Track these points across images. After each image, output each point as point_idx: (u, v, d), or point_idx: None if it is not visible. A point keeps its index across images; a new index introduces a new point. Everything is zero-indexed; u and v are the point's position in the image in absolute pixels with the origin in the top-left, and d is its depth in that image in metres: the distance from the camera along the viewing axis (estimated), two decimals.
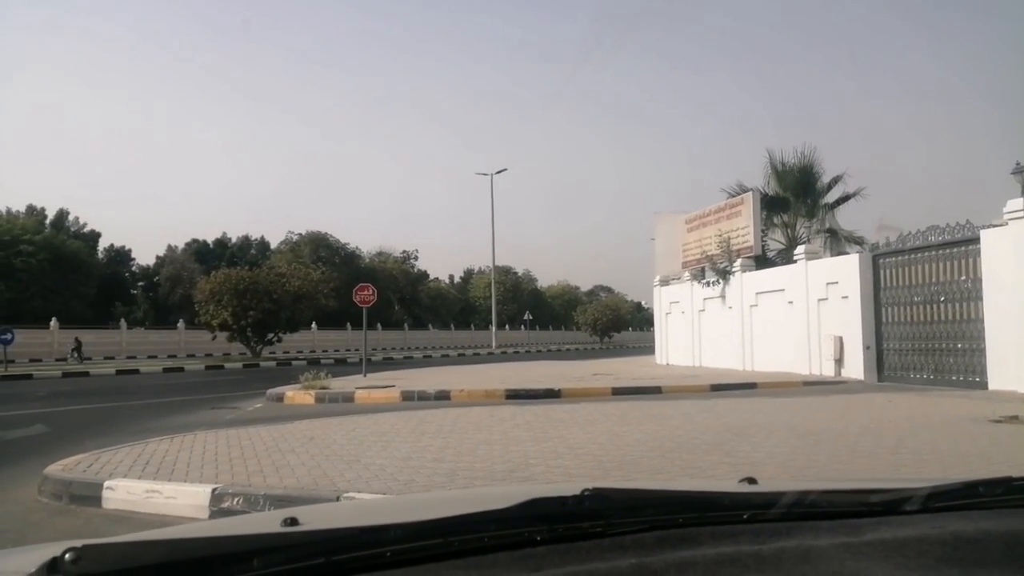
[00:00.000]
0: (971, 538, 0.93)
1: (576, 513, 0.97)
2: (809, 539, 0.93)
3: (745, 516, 1.03)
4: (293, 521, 0.99)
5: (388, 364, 29.77)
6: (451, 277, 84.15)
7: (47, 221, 52.83)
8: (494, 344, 52.64)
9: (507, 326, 66.42)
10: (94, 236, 56.13)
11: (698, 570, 0.83)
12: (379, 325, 51.88)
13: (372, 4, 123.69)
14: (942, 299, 14.38)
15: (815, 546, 0.90)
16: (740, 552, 0.88)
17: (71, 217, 55.92)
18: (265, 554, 0.81)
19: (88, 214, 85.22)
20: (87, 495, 5.76)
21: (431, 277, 75.88)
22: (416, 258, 70.05)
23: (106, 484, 5.77)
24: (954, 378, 14.07)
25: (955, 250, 14.11)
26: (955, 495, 1.14)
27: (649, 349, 29.36)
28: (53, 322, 37.12)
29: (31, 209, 53.19)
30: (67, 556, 0.75)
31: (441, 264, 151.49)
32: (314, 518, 1.06)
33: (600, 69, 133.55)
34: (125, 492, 5.69)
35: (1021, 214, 12.50)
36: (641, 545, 0.90)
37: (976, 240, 13.49)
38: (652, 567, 0.83)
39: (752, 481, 1.35)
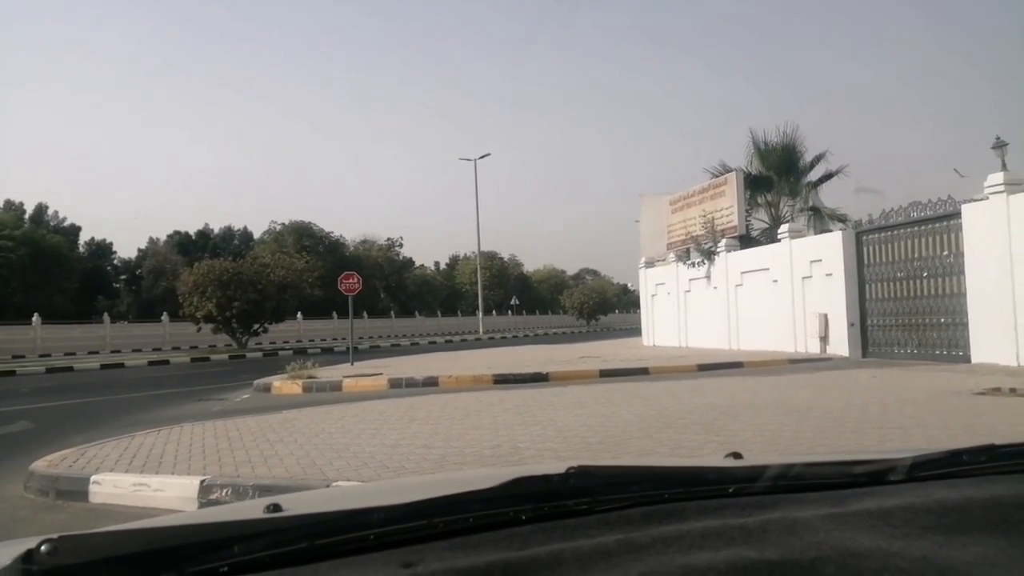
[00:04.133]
0: (955, 505, 0.94)
1: (561, 491, 0.97)
2: (795, 511, 0.93)
3: (731, 490, 1.02)
4: (276, 508, 0.97)
5: (375, 352, 29.72)
6: (437, 264, 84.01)
7: (26, 216, 52.16)
8: (481, 330, 52.66)
9: (494, 311, 66.43)
10: (74, 230, 55.56)
11: (684, 544, 0.82)
12: (365, 313, 51.76)
13: None
14: (925, 274, 14.50)
15: (801, 517, 0.90)
16: (726, 525, 0.88)
17: (50, 211, 55.31)
18: (247, 540, 0.80)
19: (67, 208, 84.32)
20: (74, 490, 5.72)
21: (417, 264, 75.74)
22: (401, 245, 69.92)
23: (93, 478, 5.73)
24: (938, 352, 14.21)
25: (937, 225, 14.22)
26: (939, 464, 1.14)
27: (636, 331, 29.47)
28: (35, 318, 36.75)
29: (9, 204, 52.52)
30: (43, 548, 0.73)
31: (427, 251, 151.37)
32: (297, 504, 1.04)
33: (585, 51, 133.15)
34: (112, 486, 5.65)
35: (1001, 188, 12.59)
36: (627, 521, 0.90)
37: (958, 215, 13.60)
38: (638, 542, 0.83)
39: (738, 456, 1.35)
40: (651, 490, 1.01)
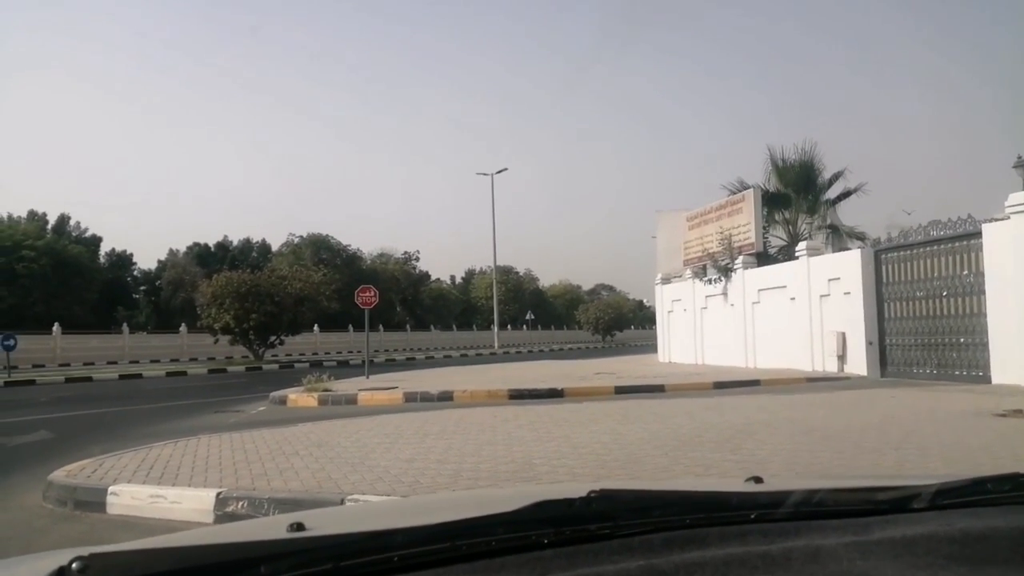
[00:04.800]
0: (980, 535, 0.93)
1: (583, 515, 0.97)
2: (818, 538, 0.93)
3: (752, 516, 1.02)
4: (299, 526, 0.98)
5: (390, 366, 29.77)
6: (452, 278, 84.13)
7: (48, 226, 52.71)
8: (496, 344, 52.65)
9: (509, 326, 66.39)
10: (95, 241, 56.07)
11: (707, 571, 0.82)
12: (381, 327, 51.89)
13: (374, 3, 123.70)
14: (944, 294, 14.37)
15: (824, 545, 0.90)
16: (749, 552, 0.88)
17: (72, 222, 55.83)
18: (272, 560, 0.81)
19: (89, 219, 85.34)
20: (91, 500, 5.75)
21: (433, 278, 75.84)
22: (418, 259, 70.02)
23: (110, 489, 5.77)
24: (957, 373, 14.06)
25: (957, 244, 14.10)
26: (963, 492, 1.13)
27: (651, 347, 29.35)
28: (56, 328, 37.13)
29: (32, 214, 53.14)
30: (74, 565, 0.75)
31: (443, 265, 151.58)
32: (320, 523, 1.06)
33: (603, 67, 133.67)
34: (129, 497, 5.69)
35: (1022, 208, 12.47)
36: (649, 547, 0.90)
37: (978, 234, 13.48)
38: (660, 568, 0.83)
39: (758, 480, 1.35)
40: (673, 515, 1.01)
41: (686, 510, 1.04)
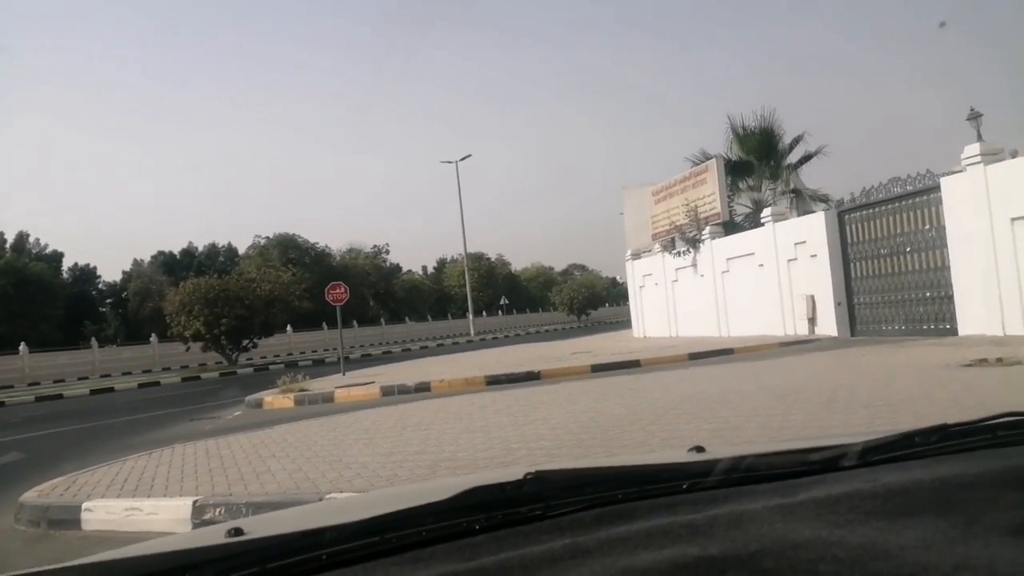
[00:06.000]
0: (902, 489, 0.93)
1: (516, 498, 0.96)
2: (745, 503, 0.92)
3: (684, 486, 1.01)
4: (237, 531, 0.97)
5: (367, 361, 29.65)
6: (424, 268, 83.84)
7: (7, 245, 51.75)
8: (472, 332, 52.62)
9: (484, 312, 66.39)
10: (57, 256, 55.09)
11: (629, 545, 0.81)
12: (355, 322, 51.62)
13: None
14: (908, 250, 14.58)
15: (748, 510, 0.89)
16: (674, 523, 0.87)
17: (31, 239, 54.89)
18: (201, 567, 0.79)
19: (49, 235, 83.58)
20: (65, 519, 5.68)
21: (404, 270, 75.59)
22: (388, 252, 69.75)
23: (84, 506, 5.69)
24: (925, 327, 14.30)
25: (917, 200, 14.31)
26: (891, 447, 1.13)
27: (627, 324, 29.53)
28: (22, 347, 36.47)
29: None
30: None
31: (414, 256, 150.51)
32: (258, 527, 1.04)
33: (563, 44, 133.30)
34: (104, 512, 5.61)
35: (978, 159, 12.67)
36: (579, 524, 0.89)
37: (937, 188, 13.69)
38: (585, 546, 0.82)
39: (700, 449, 1.34)
40: (606, 491, 1.00)
41: (620, 485, 1.02)
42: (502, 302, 64.73)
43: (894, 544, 0.77)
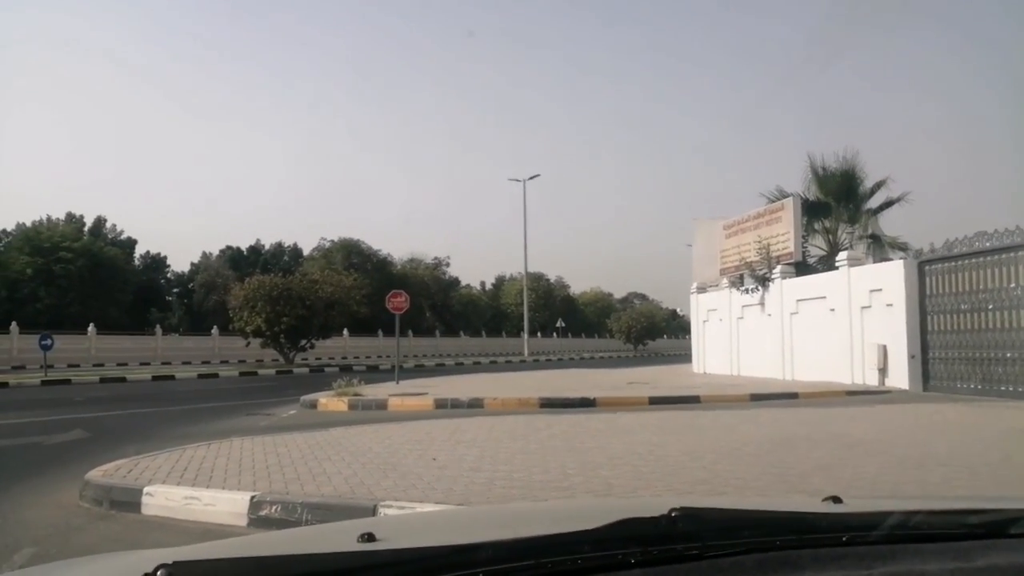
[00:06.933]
0: None
1: (669, 534, 0.95)
2: (918, 563, 0.89)
3: (844, 539, 0.99)
4: (370, 537, 0.96)
5: (420, 371, 29.86)
6: (482, 284, 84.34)
7: (85, 228, 53.92)
8: (526, 351, 52.61)
9: (539, 333, 66.33)
10: (131, 243, 57.20)
11: None
12: (410, 332, 52.15)
13: (409, 10, 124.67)
14: (990, 307, 14.01)
15: (926, 571, 0.86)
16: None
17: (108, 224, 57.11)
18: (355, 574, 0.79)
19: (124, 221, 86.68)
20: (127, 500, 5.76)
21: (463, 284, 76.19)
22: (448, 264, 70.34)
23: (145, 490, 5.77)
24: (1003, 388, 13.69)
25: (1003, 256, 13.75)
26: None
27: (684, 357, 29.12)
28: (91, 328, 37.80)
29: (70, 216, 54.34)
30: (159, 573, 0.75)
31: (473, 270, 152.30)
32: (392, 533, 1.03)
33: (639, 74, 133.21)
34: (164, 498, 5.68)
35: None
36: (741, 569, 0.87)
37: None
38: None
39: (837, 500, 1.30)
40: (763, 536, 0.97)
41: (775, 531, 1.00)
42: (558, 324, 64.59)
43: None
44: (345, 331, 44.85)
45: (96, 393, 19.28)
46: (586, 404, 13.71)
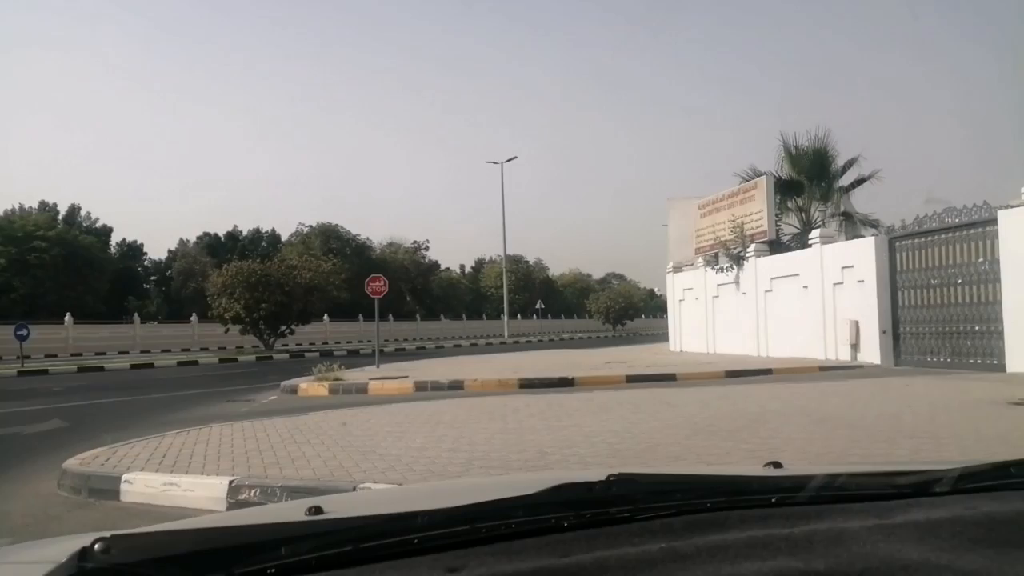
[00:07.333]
0: (1006, 519, 0.93)
1: (603, 499, 0.98)
2: (840, 522, 0.93)
3: (773, 500, 1.03)
4: (317, 510, 0.99)
5: (401, 355, 29.86)
6: (462, 267, 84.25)
7: (59, 217, 53.14)
8: (506, 333, 52.71)
9: (519, 315, 66.45)
10: (106, 231, 56.45)
11: (729, 553, 0.82)
12: (391, 316, 52.05)
13: None
14: (959, 281, 14.26)
15: (847, 528, 0.90)
16: (771, 535, 0.88)
17: (83, 212, 56.31)
18: (293, 542, 0.81)
19: (100, 209, 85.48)
20: (105, 488, 5.78)
21: (442, 267, 76.00)
22: (427, 248, 70.17)
23: (124, 477, 5.80)
24: (972, 361, 13.97)
25: (972, 232, 13.98)
26: (986, 476, 1.13)
27: (662, 336, 29.33)
28: (67, 317, 37.39)
29: (44, 205, 53.55)
30: (96, 546, 0.76)
31: (452, 254, 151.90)
32: (338, 507, 1.07)
33: (614, 54, 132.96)
34: (143, 485, 5.71)
35: None
36: (670, 530, 0.90)
37: (993, 221, 13.36)
38: (682, 551, 0.83)
39: (777, 465, 1.35)
40: (694, 499, 1.01)
41: (707, 494, 1.04)
42: (538, 306, 64.75)
43: (1012, 574, 0.77)
44: (325, 316, 44.71)
45: (74, 383, 19.14)
46: (565, 384, 13.83)
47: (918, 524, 0.91)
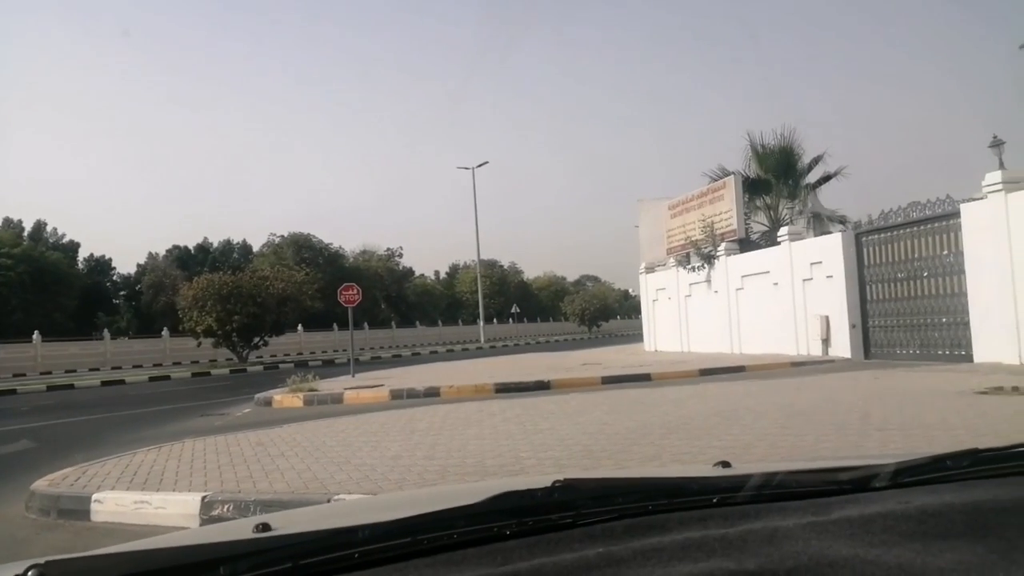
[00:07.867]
0: (936, 511, 0.94)
1: (546, 505, 0.98)
2: (777, 520, 0.94)
3: (715, 500, 1.03)
4: (265, 527, 0.99)
5: (377, 363, 29.71)
6: (437, 273, 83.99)
7: (25, 233, 52.28)
8: (482, 339, 52.61)
9: (495, 320, 66.41)
10: (73, 247, 55.60)
11: (664, 556, 0.83)
12: (366, 324, 51.75)
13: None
14: (925, 274, 14.49)
15: (781, 527, 0.91)
16: (707, 536, 0.88)
17: (49, 228, 55.43)
18: (233, 561, 0.80)
19: (66, 225, 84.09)
20: (75, 509, 5.70)
21: (417, 274, 75.80)
22: (401, 255, 69.95)
23: (94, 497, 5.71)
24: (940, 352, 14.20)
25: (936, 225, 14.23)
26: (923, 469, 1.15)
27: (637, 337, 29.46)
28: (36, 335, 36.75)
29: (8, 222, 52.65)
30: (30, 574, 0.74)
31: (426, 260, 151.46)
32: (286, 523, 1.06)
33: (582, 56, 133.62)
34: (114, 504, 5.63)
35: (999, 187, 12.60)
36: (610, 534, 0.91)
37: (957, 215, 13.60)
38: (618, 555, 0.83)
39: (726, 465, 1.36)
40: (636, 502, 1.02)
41: (648, 497, 1.04)
42: (513, 310, 64.75)
43: (932, 566, 0.78)
44: (299, 327, 44.34)
45: (43, 402, 18.80)
46: (541, 387, 13.86)
47: (851, 520, 0.92)
